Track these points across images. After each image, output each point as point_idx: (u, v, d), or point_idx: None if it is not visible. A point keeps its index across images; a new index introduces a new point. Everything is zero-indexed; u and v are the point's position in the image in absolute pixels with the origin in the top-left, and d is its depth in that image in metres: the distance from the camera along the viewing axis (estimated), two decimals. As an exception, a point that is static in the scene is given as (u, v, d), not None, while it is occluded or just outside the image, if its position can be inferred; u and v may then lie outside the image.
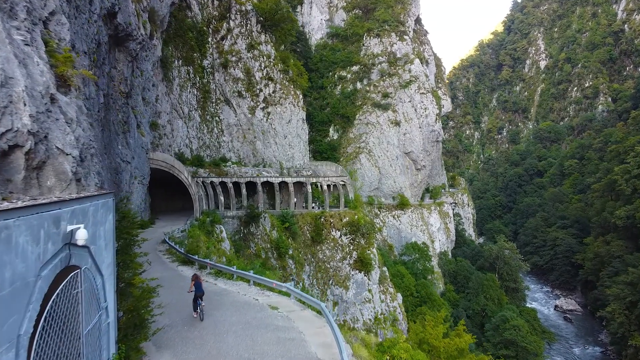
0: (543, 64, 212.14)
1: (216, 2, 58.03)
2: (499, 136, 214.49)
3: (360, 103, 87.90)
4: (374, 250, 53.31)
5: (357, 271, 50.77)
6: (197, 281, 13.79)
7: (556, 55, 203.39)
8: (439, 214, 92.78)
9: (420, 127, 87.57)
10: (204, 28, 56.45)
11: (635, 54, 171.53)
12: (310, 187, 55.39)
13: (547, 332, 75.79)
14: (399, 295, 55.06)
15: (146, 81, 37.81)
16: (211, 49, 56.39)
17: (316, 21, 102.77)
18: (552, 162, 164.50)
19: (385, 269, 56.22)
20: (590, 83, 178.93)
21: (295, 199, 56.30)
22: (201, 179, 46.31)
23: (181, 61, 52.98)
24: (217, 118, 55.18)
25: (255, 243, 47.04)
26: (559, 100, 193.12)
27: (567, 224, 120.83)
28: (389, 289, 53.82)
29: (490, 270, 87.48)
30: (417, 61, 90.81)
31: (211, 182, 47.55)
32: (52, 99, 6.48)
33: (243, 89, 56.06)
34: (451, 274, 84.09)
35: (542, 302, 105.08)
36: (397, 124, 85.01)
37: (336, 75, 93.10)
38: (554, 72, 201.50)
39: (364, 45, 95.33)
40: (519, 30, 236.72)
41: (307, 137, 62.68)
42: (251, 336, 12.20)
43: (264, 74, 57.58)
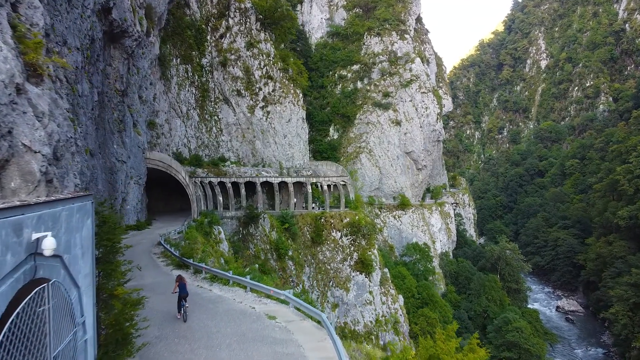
0: (544, 63, 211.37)
1: (215, 0, 57.29)
2: (500, 136, 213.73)
3: (360, 102, 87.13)
4: (375, 251, 52.53)
5: (358, 272, 50.00)
6: (181, 282, 13.60)
7: (557, 55, 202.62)
8: (440, 214, 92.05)
9: (421, 127, 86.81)
10: (203, 26, 55.73)
11: (637, 53, 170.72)
12: (310, 187, 54.63)
13: (549, 334, 75.05)
14: (401, 297, 54.29)
15: (143, 79, 37.07)
16: (210, 47, 55.65)
17: (316, 20, 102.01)
18: (553, 162, 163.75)
19: (386, 270, 55.44)
20: (591, 83, 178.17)
21: (295, 200, 55.54)
22: (199, 179, 45.56)
23: (179, 59, 52.26)
24: (215, 117, 54.43)
25: (255, 244, 46.29)
26: (560, 99, 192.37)
27: (569, 224, 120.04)
28: (390, 290, 53.06)
29: (492, 271, 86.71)
30: (418, 60, 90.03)
31: (209, 182, 46.80)
32: (19, 90, 5.74)
33: (242, 87, 55.31)
34: (452, 274, 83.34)
35: (544, 302, 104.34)
36: (398, 123, 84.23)
37: (336, 75, 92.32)
38: (554, 72, 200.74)
39: (364, 44, 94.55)
40: (519, 30, 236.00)
41: (307, 137, 61.90)
42: (246, 351, 11.48)
43: (264, 72, 56.81)
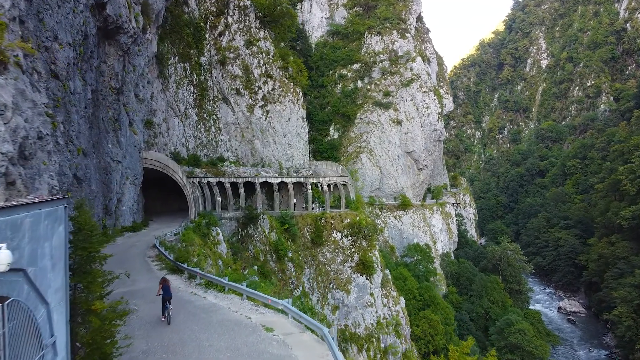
0: (544, 63, 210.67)
1: (214, -2, 56.49)
2: (500, 136, 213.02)
3: (361, 102, 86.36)
4: (376, 252, 51.71)
5: (359, 274, 49.20)
6: (165, 284, 13.39)
7: (558, 55, 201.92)
8: (441, 214, 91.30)
9: (422, 126, 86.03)
10: (201, 24, 54.91)
11: (638, 53, 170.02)
12: (310, 188, 53.82)
13: (551, 335, 74.33)
14: (402, 299, 53.49)
15: (139, 77, 36.27)
16: (208, 46, 54.85)
17: (316, 19, 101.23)
18: (554, 161, 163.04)
19: (387, 271, 54.64)
20: (592, 82, 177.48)
21: (295, 200, 54.73)
22: (197, 179, 44.76)
23: (177, 58, 51.46)
24: (214, 116, 53.63)
25: (254, 245, 45.50)
26: (561, 99, 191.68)
27: (570, 225, 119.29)
28: (391, 292, 52.26)
29: (493, 271, 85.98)
30: (418, 59, 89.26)
31: (208, 183, 45.99)
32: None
33: (241, 86, 54.50)
34: (454, 275, 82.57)
35: (546, 303, 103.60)
36: (399, 123, 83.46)
37: (337, 74, 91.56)
38: (555, 72, 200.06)
39: (364, 43, 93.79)
40: (520, 29, 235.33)
41: (307, 136, 61.10)
42: None
43: (263, 71, 56.01)
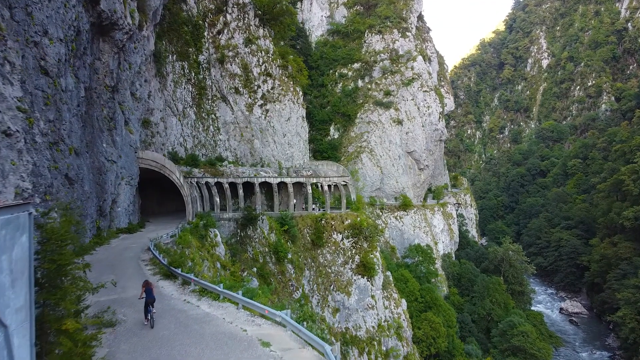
0: (545, 62, 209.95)
1: (212, -5, 55.64)
2: (501, 136, 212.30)
3: (361, 101, 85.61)
4: (378, 254, 50.88)
5: (360, 276, 48.37)
6: (147, 287, 13.21)
7: (558, 54, 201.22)
8: (443, 214, 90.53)
9: (423, 126, 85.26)
10: (200, 22, 54.06)
11: (639, 52, 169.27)
12: (310, 188, 53.01)
13: (554, 337, 73.60)
14: (404, 301, 52.67)
15: (135, 75, 35.44)
16: (207, 44, 54.01)
17: (316, 18, 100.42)
18: (555, 161, 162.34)
19: (388, 273, 53.82)
20: (593, 82, 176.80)
21: (295, 200, 53.91)
22: (195, 180, 43.94)
23: (175, 56, 50.61)
24: (213, 115, 52.81)
25: (253, 247, 44.68)
26: (562, 99, 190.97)
27: (572, 225, 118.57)
28: (392, 294, 51.45)
29: (495, 272, 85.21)
30: (419, 58, 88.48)
31: (206, 183, 45.17)
32: None
33: (240, 85, 53.69)
34: (455, 276, 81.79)
35: (547, 304, 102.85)
36: (400, 122, 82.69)
37: (337, 73, 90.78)
38: (556, 71, 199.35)
39: (365, 42, 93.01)
40: (520, 29, 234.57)
41: (307, 136, 60.29)
42: None
43: (262, 69, 55.20)
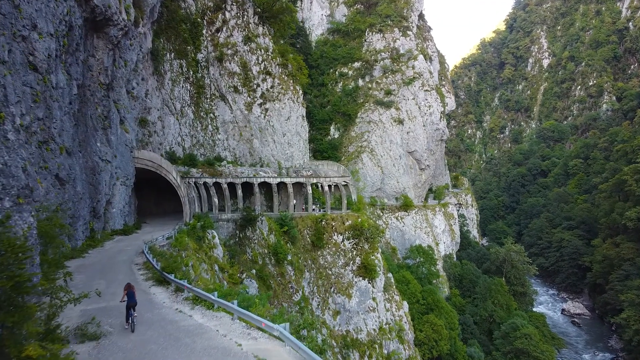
0: (546, 62, 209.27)
1: (211, -8, 54.78)
2: (502, 135, 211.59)
3: (362, 100, 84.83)
4: (379, 255, 50.04)
5: (361, 278, 47.53)
6: (129, 290, 12.88)
7: (559, 54, 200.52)
8: (444, 215, 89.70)
9: (424, 126, 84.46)
10: (198, 19, 53.20)
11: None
12: (310, 188, 52.18)
13: (556, 339, 72.89)
14: (405, 304, 51.85)
15: (131, 73, 34.60)
16: (206, 42, 53.16)
17: (316, 16, 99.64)
18: (556, 161, 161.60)
19: (390, 275, 53.00)
20: (594, 82, 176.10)
21: (295, 201, 53.09)
22: (193, 180, 43.10)
23: (173, 54, 49.74)
24: (211, 115, 51.96)
25: (252, 248, 43.85)
26: (563, 99, 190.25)
27: (573, 225, 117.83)
28: (394, 296, 50.61)
29: (497, 273, 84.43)
30: (421, 57, 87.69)
31: (204, 183, 44.34)
32: None
33: (239, 84, 52.84)
34: (456, 277, 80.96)
35: (549, 305, 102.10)
36: (401, 122, 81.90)
37: (337, 72, 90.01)
38: (557, 71, 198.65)
39: (365, 41, 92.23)
40: (521, 29, 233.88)
41: (307, 135, 59.44)
42: None
43: (262, 68, 54.37)
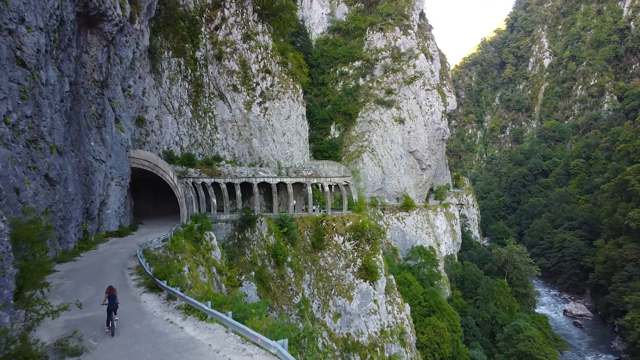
0: (547, 62, 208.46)
1: (210, -11, 53.94)
2: (502, 135, 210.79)
3: (362, 100, 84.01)
4: (380, 257, 49.18)
5: (362, 280, 46.69)
6: (111, 293, 12.74)
7: (560, 53, 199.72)
8: (445, 215, 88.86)
9: (425, 125, 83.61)
10: (197, 17, 52.43)
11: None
12: (310, 188, 51.35)
13: (559, 341, 72.06)
14: (407, 306, 51.00)
15: (127, 70, 33.76)
16: (204, 40, 52.35)
17: (317, 15, 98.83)
18: (557, 161, 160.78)
19: (391, 277, 52.14)
20: (596, 81, 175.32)
21: (295, 201, 52.26)
22: (191, 180, 42.27)
23: (171, 52, 48.95)
24: (210, 114, 51.14)
25: (251, 249, 43.02)
26: (564, 98, 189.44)
27: (575, 225, 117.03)
28: (396, 299, 49.77)
29: (499, 274, 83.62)
30: (422, 56, 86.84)
31: (202, 183, 43.51)
32: None
33: (238, 82, 52.01)
34: (458, 278, 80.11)
35: (551, 306, 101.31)
36: (402, 121, 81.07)
37: (337, 71, 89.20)
38: (558, 70, 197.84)
39: (366, 39, 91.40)
40: (522, 28, 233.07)
41: (307, 135, 58.57)
42: None
43: (261, 66, 53.53)
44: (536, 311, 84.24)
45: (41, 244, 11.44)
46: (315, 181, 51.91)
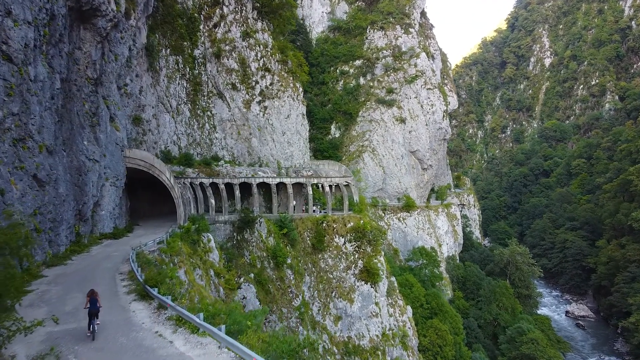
0: (548, 61, 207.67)
1: (208, -13, 53.05)
2: (503, 135, 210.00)
3: (363, 99, 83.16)
4: (382, 258, 48.31)
5: (363, 282, 45.82)
6: (92, 297, 12.56)
7: (561, 53, 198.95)
8: (447, 216, 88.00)
9: (426, 125, 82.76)
10: (195, 14, 51.53)
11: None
12: (310, 189, 50.49)
13: (562, 342, 71.23)
14: (409, 308, 50.13)
15: (122, 67, 32.87)
16: (203, 38, 51.46)
17: (317, 14, 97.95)
18: (558, 161, 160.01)
19: (393, 279, 51.28)
20: (597, 81, 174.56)
21: (295, 202, 51.39)
22: (189, 180, 41.40)
23: (169, 50, 48.08)
24: (208, 113, 50.27)
25: (250, 251, 42.16)
26: (565, 98, 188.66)
27: (577, 226, 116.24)
28: (397, 301, 48.91)
29: (501, 275, 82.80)
30: (423, 55, 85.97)
31: (200, 184, 42.64)
32: None
33: (237, 80, 51.15)
34: (460, 279, 79.25)
35: (552, 307, 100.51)
36: (403, 121, 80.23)
37: (338, 70, 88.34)
38: (559, 70, 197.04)
39: (367, 38, 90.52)
40: (523, 28, 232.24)
41: (307, 134, 57.69)
42: None
43: (261, 64, 52.66)
44: (538, 312, 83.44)
45: (22, 250, 10.62)
46: (315, 181, 51.05)
